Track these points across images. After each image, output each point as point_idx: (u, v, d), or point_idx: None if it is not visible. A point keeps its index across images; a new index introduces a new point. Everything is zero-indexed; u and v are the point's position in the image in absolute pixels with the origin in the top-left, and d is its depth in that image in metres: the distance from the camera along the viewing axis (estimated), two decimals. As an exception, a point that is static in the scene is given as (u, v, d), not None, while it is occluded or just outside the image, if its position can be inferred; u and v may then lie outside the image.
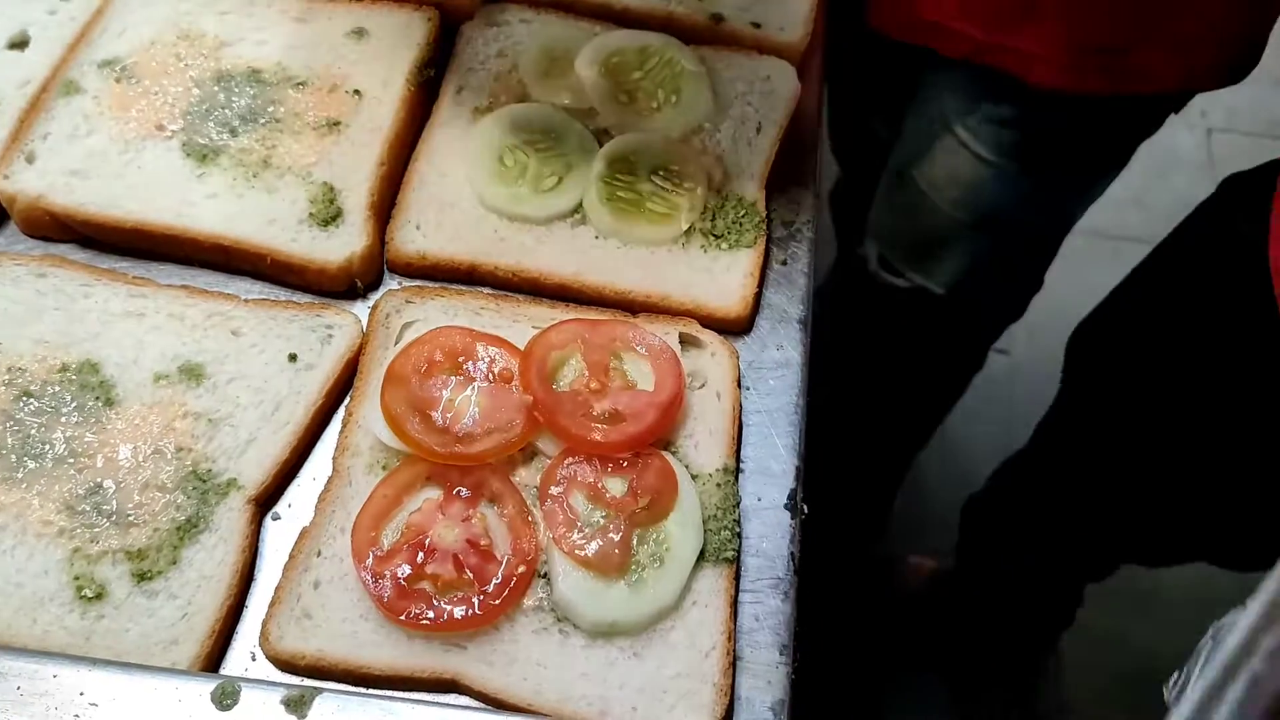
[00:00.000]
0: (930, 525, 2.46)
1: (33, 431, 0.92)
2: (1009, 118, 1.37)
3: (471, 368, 0.95)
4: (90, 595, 0.86)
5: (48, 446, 0.92)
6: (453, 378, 0.94)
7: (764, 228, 1.06)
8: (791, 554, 0.92)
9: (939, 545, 2.34)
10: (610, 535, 0.88)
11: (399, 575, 0.86)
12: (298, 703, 0.79)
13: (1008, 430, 2.70)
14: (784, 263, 1.07)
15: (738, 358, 1.00)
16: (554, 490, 0.90)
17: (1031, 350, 2.82)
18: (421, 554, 0.87)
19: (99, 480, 0.91)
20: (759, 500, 0.95)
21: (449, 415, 0.92)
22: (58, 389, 0.95)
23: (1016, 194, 1.46)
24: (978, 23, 1.29)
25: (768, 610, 0.90)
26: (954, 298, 1.62)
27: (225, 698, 0.79)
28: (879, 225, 1.67)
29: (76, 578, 0.87)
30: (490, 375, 0.95)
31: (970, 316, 1.74)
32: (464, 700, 0.85)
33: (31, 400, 0.94)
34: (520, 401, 0.92)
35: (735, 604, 0.89)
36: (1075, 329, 1.59)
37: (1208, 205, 1.39)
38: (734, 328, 1.03)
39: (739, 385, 0.99)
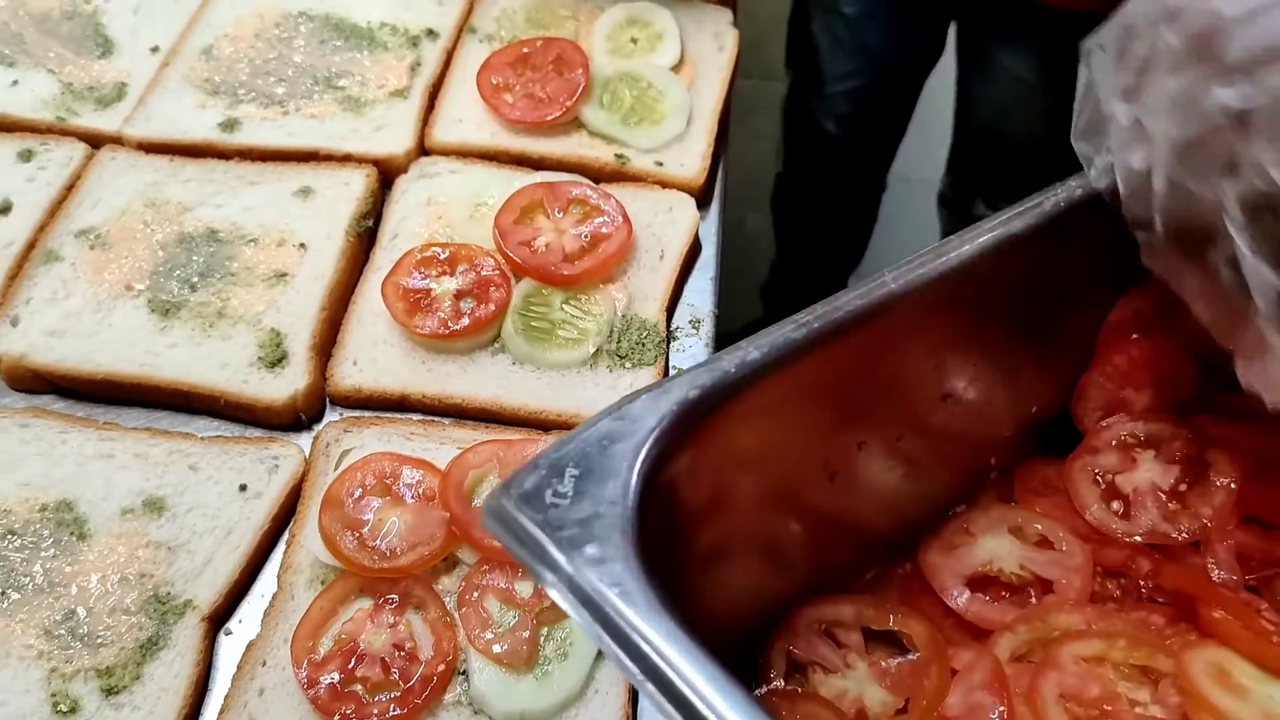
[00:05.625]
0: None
1: (16, 566, 1.05)
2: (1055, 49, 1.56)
3: (399, 489, 1.07)
4: (65, 710, 0.98)
5: (29, 579, 1.04)
6: (382, 499, 1.06)
7: (664, 346, 1.19)
8: (687, 642, 1.02)
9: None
10: (519, 634, 0.99)
11: (333, 679, 0.97)
12: (239, 797, 0.90)
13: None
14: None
15: (638, 466, 1.11)
16: (470, 596, 1.02)
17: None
18: (353, 659, 0.98)
19: (73, 607, 1.03)
20: (659, 594, 1.05)
21: (378, 533, 1.04)
22: (38, 527, 1.07)
23: None
24: None
25: (664, 694, 1.00)
26: None
27: (176, 795, 0.90)
28: (978, 181, 1.93)
29: (53, 694, 0.99)
30: (415, 495, 1.07)
31: None
32: (391, 788, 0.96)
33: (15, 538, 1.06)
34: (440, 518, 1.04)
35: (636, 691, 0.99)
36: None
37: None
38: (637, 439, 1.14)
39: (640, 491, 1.10)
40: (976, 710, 0.88)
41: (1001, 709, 0.88)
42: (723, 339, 1.25)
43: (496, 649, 0.98)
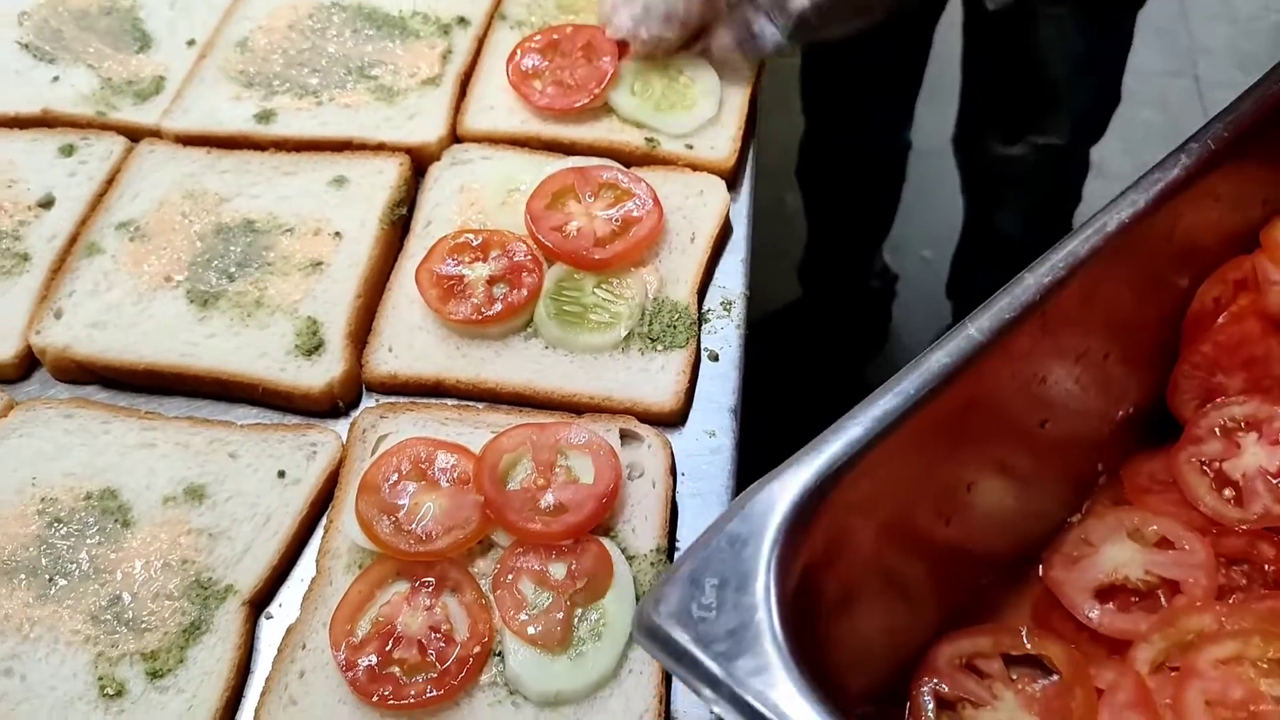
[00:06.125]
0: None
1: (63, 553, 1.07)
2: None
3: (434, 473, 1.08)
4: (112, 693, 1.00)
5: (75, 566, 1.06)
6: (417, 483, 1.07)
7: (695, 328, 1.19)
8: (721, 622, 1.03)
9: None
10: (554, 615, 1.00)
11: (371, 661, 0.99)
12: (280, 778, 0.92)
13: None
14: (715, 358, 1.19)
15: (671, 448, 1.12)
16: (505, 578, 1.03)
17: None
18: (390, 641, 1.00)
19: (118, 592, 1.05)
20: (693, 575, 1.06)
21: (414, 517, 1.05)
22: (83, 515, 1.09)
23: (1102, 32, 1.82)
24: None
25: (698, 674, 1.00)
26: (1074, 144, 2.01)
27: (219, 776, 0.92)
28: (991, 116, 2.04)
29: (100, 678, 1.01)
30: (450, 479, 1.08)
31: (1082, 158, 2.12)
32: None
33: (62, 526, 1.09)
34: (475, 501, 1.05)
35: (668, 670, 1.00)
36: None
37: None
38: (670, 420, 1.15)
39: (673, 473, 1.11)
40: None
41: None
42: (762, 320, 1.25)
43: (531, 630, 0.99)
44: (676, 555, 1.07)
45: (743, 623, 0.74)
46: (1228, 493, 1.02)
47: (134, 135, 1.39)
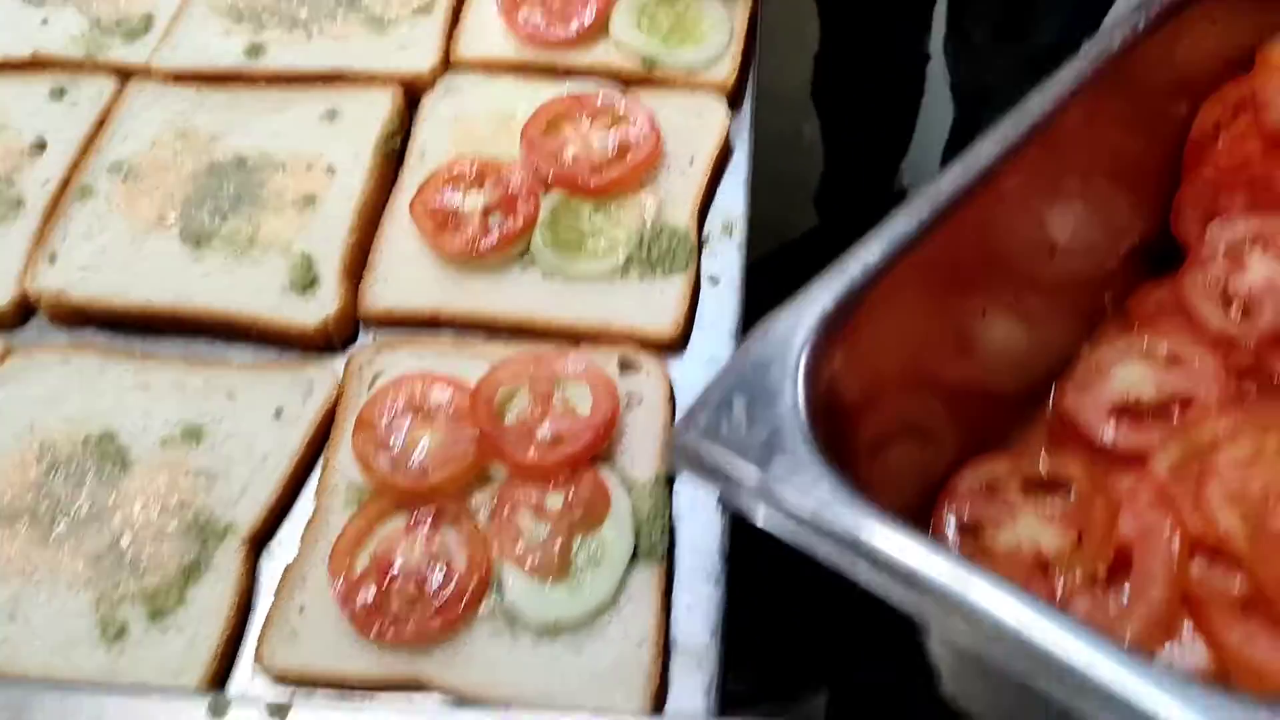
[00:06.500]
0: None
1: (62, 498, 1.07)
2: None
3: (430, 408, 1.07)
4: (113, 634, 1.00)
5: (75, 509, 1.06)
6: (413, 418, 1.06)
7: (695, 252, 1.16)
8: (723, 547, 1.02)
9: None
10: (551, 545, 0.99)
11: (369, 595, 0.98)
12: (279, 710, 0.92)
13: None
14: (715, 281, 1.17)
15: (669, 376, 1.09)
16: (503, 510, 1.01)
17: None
18: (389, 575, 0.99)
19: (118, 535, 1.05)
20: (695, 502, 1.04)
21: (410, 452, 1.04)
22: (81, 459, 1.09)
23: None
24: None
25: (699, 599, 0.99)
26: (1064, 41, 1.90)
27: (218, 711, 0.92)
28: (984, 8, 1.98)
29: (101, 619, 1.01)
30: (447, 413, 1.06)
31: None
32: (430, 699, 0.96)
33: (61, 471, 1.08)
34: (471, 435, 1.04)
35: (668, 596, 0.99)
36: None
37: None
38: (670, 346, 1.13)
39: (672, 400, 1.09)
40: (1150, 530, 0.91)
41: (1173, 523, 0.90)
42: (780, 249, 1.23)
43: (529, 560, 0.98)
44: (677, 482, 1.05)
45: (775, 430, 0.77)
46: (1234, 310, 1.03)
47: (125, 75, 1.37)
